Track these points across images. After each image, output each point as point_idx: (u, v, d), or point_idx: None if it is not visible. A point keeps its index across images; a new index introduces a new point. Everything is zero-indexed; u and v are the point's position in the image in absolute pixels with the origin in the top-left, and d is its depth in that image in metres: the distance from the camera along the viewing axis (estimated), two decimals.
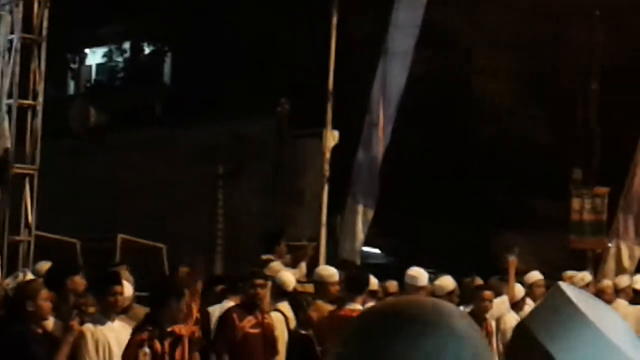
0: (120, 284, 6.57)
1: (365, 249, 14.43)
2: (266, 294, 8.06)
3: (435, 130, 20.67)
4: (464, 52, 21.72)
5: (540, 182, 19.31)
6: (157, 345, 6.26)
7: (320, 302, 8.42)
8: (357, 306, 7.58)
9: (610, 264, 13.52)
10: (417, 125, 19.86)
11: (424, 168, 20.41)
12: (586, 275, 10.83)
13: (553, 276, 9.98)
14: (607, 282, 10.89)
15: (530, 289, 9.69)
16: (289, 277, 8.81)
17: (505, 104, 21.64)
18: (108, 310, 6.44)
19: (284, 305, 8.44)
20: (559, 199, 16.45)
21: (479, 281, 10.07)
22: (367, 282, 8.18)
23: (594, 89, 17.51)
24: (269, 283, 8.26)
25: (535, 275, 9.92)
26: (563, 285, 1.48)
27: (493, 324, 8.94)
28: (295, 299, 8.67)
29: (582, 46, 18.11)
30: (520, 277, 9.96)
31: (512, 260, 9.77)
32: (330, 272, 8.68)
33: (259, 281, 7.92)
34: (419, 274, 8.70)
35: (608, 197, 14.57)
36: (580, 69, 18.59)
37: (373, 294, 8.65)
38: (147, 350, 6.20)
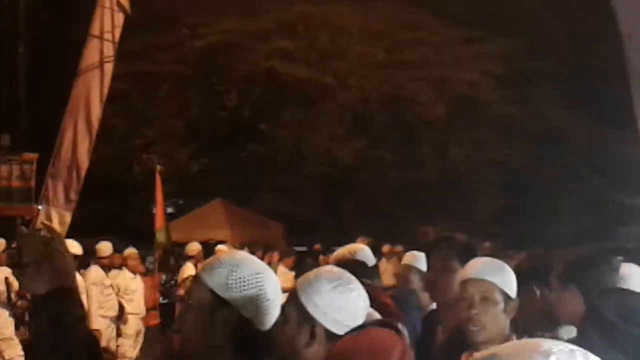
0: None
1: None
2: None
3: None
4: None
5: None
6: None
7: None
8: None
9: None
10: None
11: None
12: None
13: None
14: None
15: None
16: None
17: None
18: None
19: None
20: None
21: None
22: None
23: (20, 53, 17.20)
24: None
25: None
26: None
27: None
28: None
29: (8, 8, 17.64)
30: None
31: None
32: None
33: None
34: None
35: (37, 163, 14.39)
36: (6, 33, 18.08)
37: None
38: None
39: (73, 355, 2.33)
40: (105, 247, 11.13)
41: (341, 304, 2.35)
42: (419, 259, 4.89)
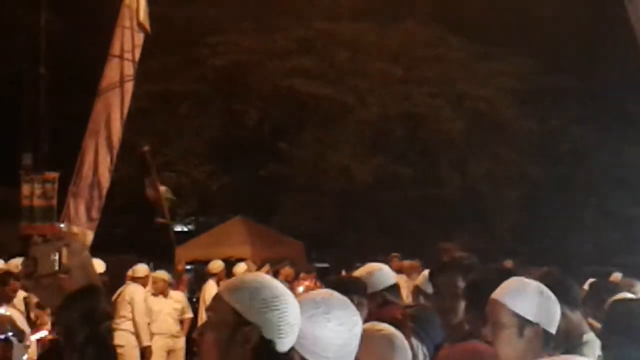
0: None
1: None
2: None
3: None
4: None
5: None
6: None
7: None
8: None
9: None
10: None
11: None
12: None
13: None
14: None
15: None
16: None
17: None
18: None
19: None
20: (10, 185, 16.01)
21: None
22: None
23: (42, 73, 17.31)
24: None
25: None
26: None
27: None
28: None
29: (28, 28, 17.79)
30: None
31: None
32: None
33: None
34: None
35: (58, 182, 14.47)
36: (27, 52, 18.25)
37: None
38: None
39: (104, 349, 2.37)
40: (142, 269, 11.44)
41: (316, 334, 2.35)
42: (426, 279, 4.84)
